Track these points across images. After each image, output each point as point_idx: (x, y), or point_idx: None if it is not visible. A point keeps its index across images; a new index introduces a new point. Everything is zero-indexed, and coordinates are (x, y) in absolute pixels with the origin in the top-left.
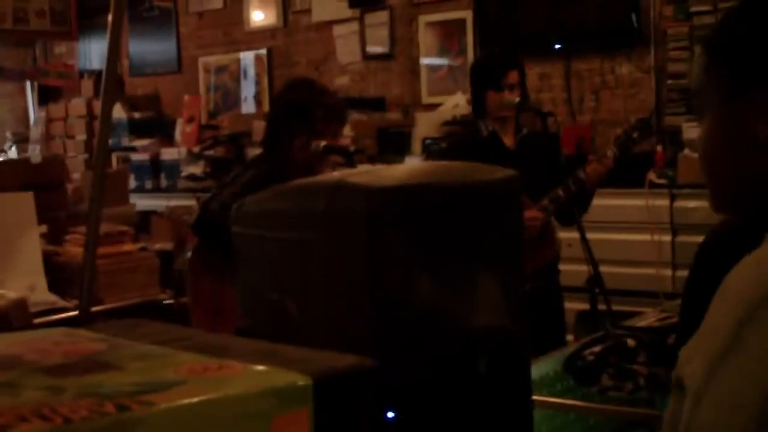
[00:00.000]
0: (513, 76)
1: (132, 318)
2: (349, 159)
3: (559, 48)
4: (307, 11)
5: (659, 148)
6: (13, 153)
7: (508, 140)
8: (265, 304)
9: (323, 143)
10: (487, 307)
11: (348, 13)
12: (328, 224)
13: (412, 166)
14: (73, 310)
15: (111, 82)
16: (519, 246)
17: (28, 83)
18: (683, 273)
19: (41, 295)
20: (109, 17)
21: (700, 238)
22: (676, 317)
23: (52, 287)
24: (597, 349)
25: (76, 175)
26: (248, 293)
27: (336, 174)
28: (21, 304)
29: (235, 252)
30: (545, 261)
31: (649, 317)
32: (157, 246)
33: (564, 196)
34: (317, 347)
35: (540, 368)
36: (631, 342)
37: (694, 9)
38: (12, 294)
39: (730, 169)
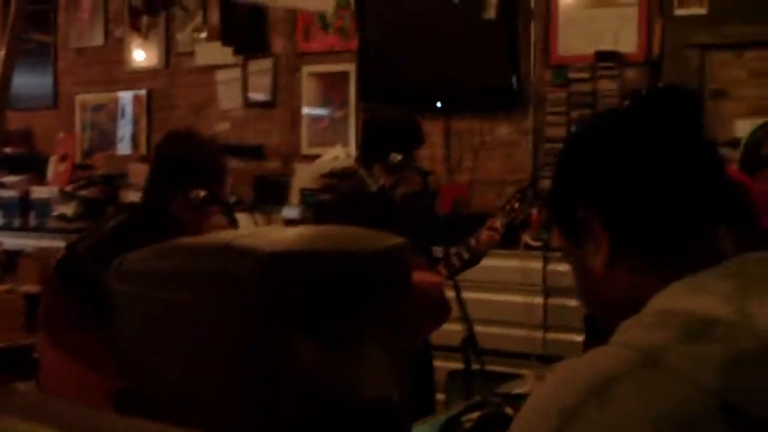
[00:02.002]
0: None
1: None
2: (229, 211)
3: (440, 106)
4: (190, 54)
5: (535, 210)
6: None
7: (395, 196)
8: (145, 366)
9: (202, 193)
10: (373, 377)
11: (231, 58)
12: (214, 286)
13: (300, 230)
14: None
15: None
16: (406, 315)
17: None
18: (555, 335)
19: None
20: (2, 52)
21: (572, 302)
22: None
23: None
24: (475, 416)
25: None
26: (127, 353)
27: (223, 235)
28: None
29: (114, 309)
30: (435, 329)
31: (526, 383)
32: (24, 288)
33: (459, 264)
34: (198, 414)
35: None
36: (509, 410)
37: (572, 75)
38: None
39: (587, 299)
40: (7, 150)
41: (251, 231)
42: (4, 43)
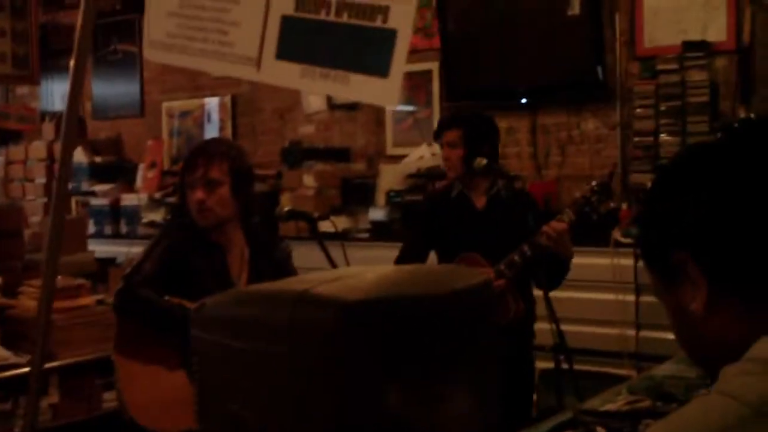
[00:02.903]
0: (450, 135)
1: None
2: (313, 224)
3: (525, 102)
4: None
5: (624, 206)
6: None
7: (478, 200)
8: (223, 413)
9: (286, 208)
10: (459, 420)
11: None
12: (290, 337)
13: (380, 273)
14: (25, 365)
15: (71, 128)
16: (493, 353)
17: None
18: (647, 333)
19: None
20: (71, 62)
21: None
22: (646, 400)
23: (5, 342)
24: None
25: (34, 218)
26: (206, 399)
27: (301, 281)
28: None
29: (195, 355)
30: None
31: (618, 400)
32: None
33: (520, 261)
34: None
35: None
36: (601, 430)
37: (660, 67)
38: None
39: (683, 341)
40: (97, 159)
41: (331, 275)
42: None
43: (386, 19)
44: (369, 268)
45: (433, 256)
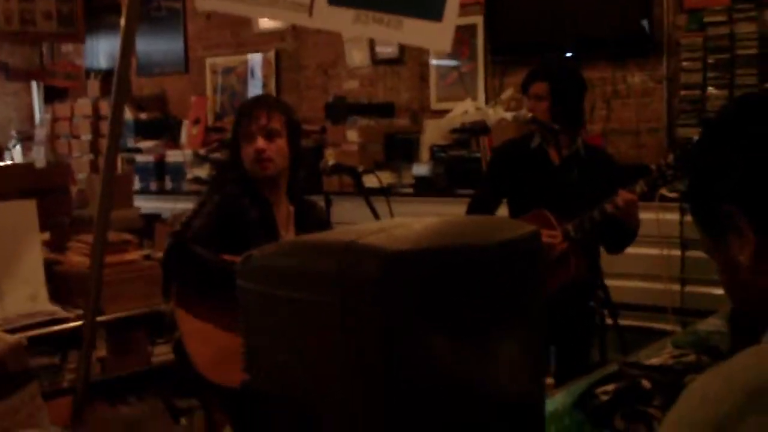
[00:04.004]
0: (537, 87)
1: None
2: (357, 179)
3: (570, 56)
4: None
5: (671, 158)
6: (17, 151)
7: (556, 154)
8: (270, 364)
9: (332, 162)
10: (507, 371)
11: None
12: (338, 287)
13: (427, 224)
14: (74, 320)
15: (123, 86)
16: (540, 304)
17: (34, 82)
18: (692, 288)
19: (42, 305)
20: (122, 20)
21: None
22: (691, 354)
23: (54, 296)
24: (610, 388)
25: (80, 176)
26: (253, 348)
27: (347, 231)
28: (17, 348)
29: (241, 307)
30: (559, 284)
31: (662, 354)
32: (161, 254)
33: (589, 225)
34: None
35: (551, 404)
36: (646, 383)
37: (707, 19)
38: (8, 337)
39: (732, 293)
40: (142, 115)
41: (377, 226)
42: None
43: None
44: (415, 219)
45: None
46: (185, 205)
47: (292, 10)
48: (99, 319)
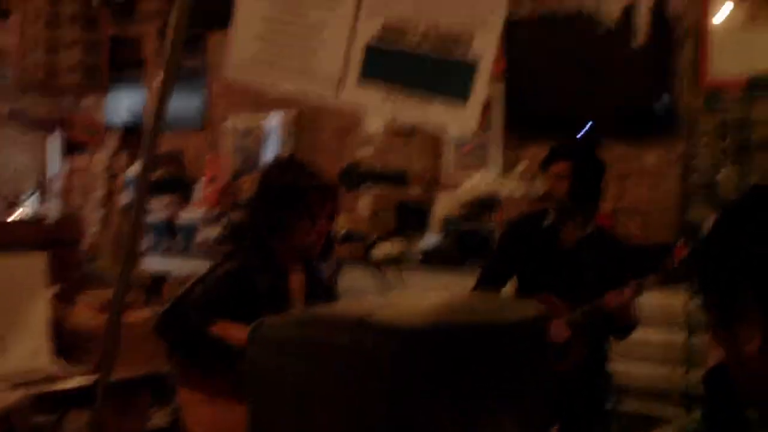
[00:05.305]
0: (558, 167)
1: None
2: (367, 249)
3: (590, 126)
4: None
5: (680, 242)
6: (32, 203)
7: (568, 236)
8: None
9: (344, 230)
10: None
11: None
12: (350, 361)
13: (437, 299)
14: (75, 378)
15: (153, 145)
16: (545, 385)
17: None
18: (698, 373)
19: (44, 361)
20: (157, 80)
21: None
22: None
23: (60, 352)
24: None
25: (93, 230)
26: (259, 418)
27: (360, 306)
28: (21, 405)
29: (250, 374)
30: (560, 372)
31: None
32: None
33: (581, 319)
34: None
35: None
36: None
37: (724, 101)
38: (12, 395)
39: (737, 379)
40: (157, 172)
41: (387, 300)
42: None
43: (469, 48)
44: (424, 294)
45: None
46: (195, 265)
47: (321, 87)
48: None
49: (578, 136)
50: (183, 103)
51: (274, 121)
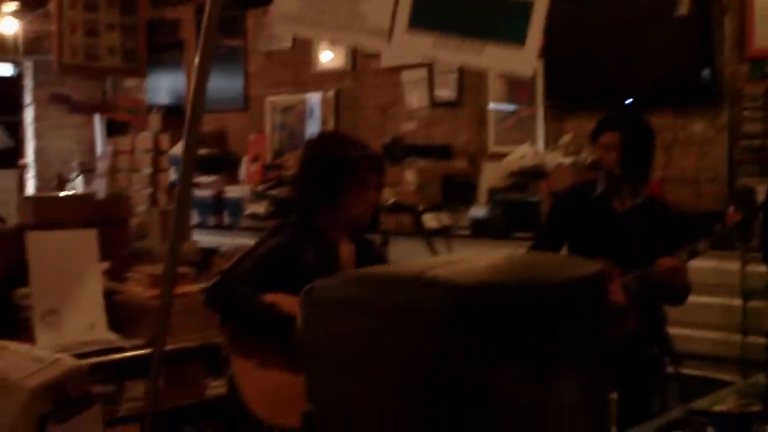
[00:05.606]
0: (608, 137)
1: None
2: (418, 218)
3: (630, 102)
4: (376, 55)
5: (731, 209)
6: (78, 183)
7: (619, 205)
8: (336, 395)
9: (392, 200)
10: (570, 409)
11: (417, 58)
12: (405, 319)
13: (493, 258)
14: (132, 349)
15: (196, 122)
16: (604, 344)
17: (96, 115)
18: (754, 339)
19: (101, 333)
20: (196, 59)
21: None
22: (757, 404)
23: (112, 326)
24: None
25: (140, 208)
26: (317, 379)
27: (415, 265)
28: (78, 372)
29: (305, 336)
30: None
31: (728, 401)
32: None
33: (645, 282)
34: None
35: None
36: (711, 430)
37: None
38: (69, 360)
39: None
40: (202, 151)
41: (443, 259)
42: (199, 50)
43: None
44: (482, 254)
45: None
46: (242, 241)
47: (371, 36)
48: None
49: (624, 105)
50: (224, 84)
51: (314, 99)
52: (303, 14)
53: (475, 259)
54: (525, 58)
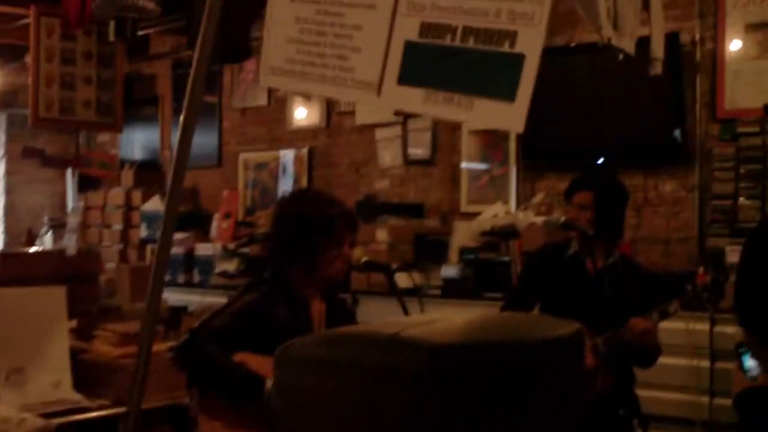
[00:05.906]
0: (581, 197)
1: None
2: (391, 277)
3: (602, 162)
4: (351, 113)
5: (701, 270)
6: (48, 239)
7: (592, 263)
8: None
9: (364, 259)
10: None
11: (391, 117)
12: (381, 379)
13: (469, 318)
14: (97, 409)
15: (178, 181)
16: (576, 404)
17: (68, 169)
18: (722, 401)
19: (66, 392)
20: (182, 117)
21: None
22: None
23: (78, 384)
24: None
25: (109, 265)
26: None
27: (390, 325)
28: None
29: (278, 394)
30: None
31: None
32: None
33: (604, 350)
34: None
35: None
36: None
37: (741, 130)
38: (37, 420)
39: None
40: None
41: (418, 319)
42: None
43: (514, 44)
44: (456, 313)
45: None
46: (212, 299)
47: (360, 89)
48: (119, 410)
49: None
50: (199, 140)
51: (288, 156)
52: (290, 68)
53: (450, 319)
54: (515, 114)
